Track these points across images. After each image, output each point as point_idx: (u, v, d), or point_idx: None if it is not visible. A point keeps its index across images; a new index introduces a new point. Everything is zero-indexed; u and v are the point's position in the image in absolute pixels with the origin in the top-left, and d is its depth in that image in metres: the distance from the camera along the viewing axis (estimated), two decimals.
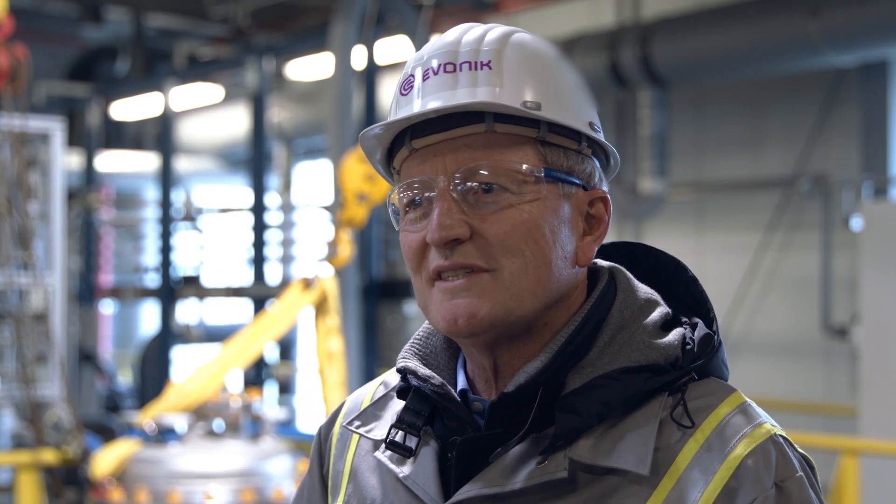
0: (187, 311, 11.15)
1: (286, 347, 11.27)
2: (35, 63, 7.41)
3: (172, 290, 10.98)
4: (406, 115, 1.34)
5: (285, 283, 8.99)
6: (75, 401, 7.64)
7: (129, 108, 12.81)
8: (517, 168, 1.33)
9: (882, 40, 7.35)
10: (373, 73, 9.59)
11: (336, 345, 6.66)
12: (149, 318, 14.35)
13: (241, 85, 11.43)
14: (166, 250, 11.01)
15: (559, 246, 1.34)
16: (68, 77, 13.11)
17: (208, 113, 12.59)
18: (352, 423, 1.48)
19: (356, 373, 8.40)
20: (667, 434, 1.30)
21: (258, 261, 10.22)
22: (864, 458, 6.84)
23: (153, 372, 11.23)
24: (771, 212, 9.00)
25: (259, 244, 10.23)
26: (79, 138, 12.35)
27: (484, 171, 1.33)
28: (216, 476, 5.96)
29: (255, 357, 7.51)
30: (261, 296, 9.88)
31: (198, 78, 11.88)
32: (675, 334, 1.36)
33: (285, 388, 11.26)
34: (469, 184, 1.33)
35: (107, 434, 8.02)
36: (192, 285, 11.02)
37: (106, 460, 6.03)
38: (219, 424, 6.24)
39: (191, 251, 11.30)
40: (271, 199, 11.03)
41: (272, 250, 10.46)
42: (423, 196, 1.35)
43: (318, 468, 1.56)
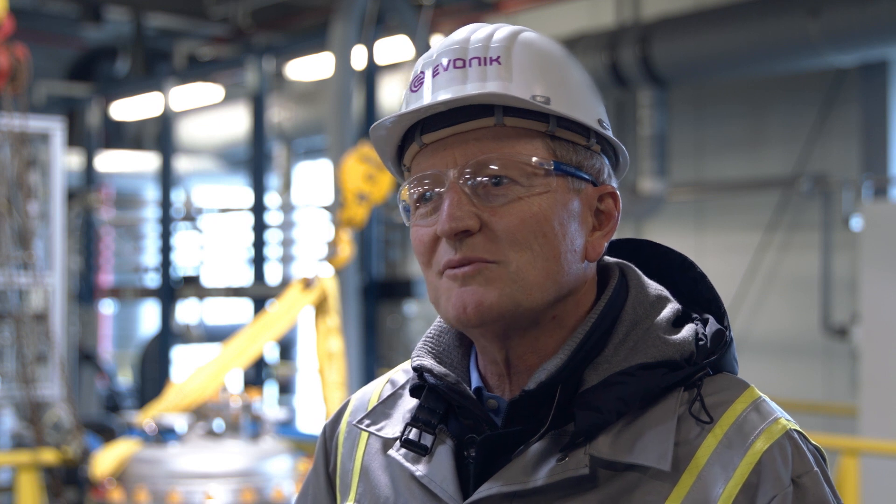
0: (187, 311, 11.15)
1: (286, 347, 11.27)
2: (35, 63, 7.41)
3: (172, 290, 10.98)
4: (416, 108, 1.34)
5: (285, 283, 8.98)
6: (75, 401, 7.63)
7: (129, 108, 12.81)
8: (527, 161, 1.33)
9: (882, 40, 7.35)
10: (373, 73, 9.59)
11: (336, 345, 6.66)
12: (149, 318, 14.35)
13: (241, 85, 11.43)
14: (166, 250, 11.01)
15: (568, 240, 1.35)
16: (68, 77, 13.12)
17: (208, 113, 12.59)
18: (361, 421, 1.48)
19: (356, 373, 8.40)
20: (685, 429, 1.31)
21: (258, 261, 10.21)
22: (864, 457, 6.84)
23: (153, 372, 11.23)
24: (771, 212, 9.00)
25: (259, 244, 10.23)
26: (79, 138, 12.35)
27: (494, 165, 1.33)
28: (216, 476, 5.96)
29: (255, 357, 7.51)
30: (261, 296, 9.88)
31: (198, 78, 11.88)
32: (689, 330, 1.37)
33: (285, 388, 11.26)
34: (479, 177, 1.33)
35: (107, 434, 8.01)
36: (192, 285, 11.02)
37: (106, 460, 6.02)
38: (219, 424, 6.23)
39: (191, 251, 11.30)
40: (271, 199, 11.04)
41: (272, 250, 10.46)
42: (434, 191, 1.35)
43: (323, 466, 1.55)
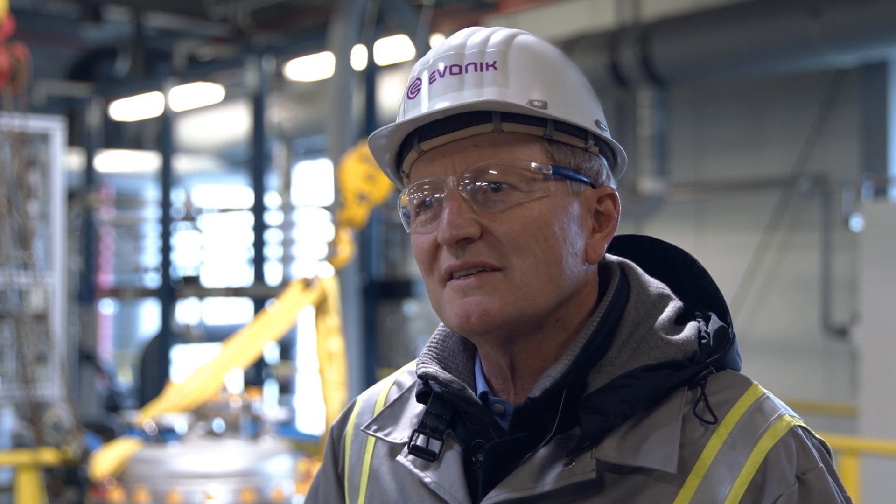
0: (187, 311, 11.15)
1: (286, 347, 11.28)
2: (35, 63, 7.41)
3: (172, 290, 10.98)
4: (414, 117, 1.34)
5: (285, 283, 8.98)
6: (75, 401, 7.63)
7: (129, 108, 12.81)
8: (525, 166, 1.34)
9: (882, 40, 7.35)
10: (373, 73, 9.59)
11: (336, 345, 6.66)
12: (149, 318, 14.35)
13: (241, 85, 11.43)
14: (166, 250, 11.01)
15: (569, 243, 1.35)
16: (68, 77, 13.12)
17: (208, 113, 12.59)
18: (369, 426, 1.48)
19: (356, 373, 8.40)
20: (690, 430, 1.31)
21: (258, 261, 10.21)
22: (864, 457, 6.84)
23: (153, 372, 11.23)
24: (771, 212, 9.00)
25: (259, 244, 10.23)
26: (79, 138, 12.35)
27: (493, 171, 1.33)
28: (216, 476, 5.96)
29: (255, 357, 7.51)
30: (261, 296, 9.88)
31: (198, 78, 11.88)
32: (691, 329, 1.38)
33: (285, 388, 11.27)
34: (478, 183, 1.34)
35: (107, 434, 8.01)
36: (192, 285, 11.03)
37: (106, 460, 6.02)
38: (219, 424, 6.23)
39: (191, 251, 11.30)
40: (271, 199, 11.04)
41: (272, 250, 10.46)
42: (434, 197, 1.36)
43: (332, 467, 1.56)
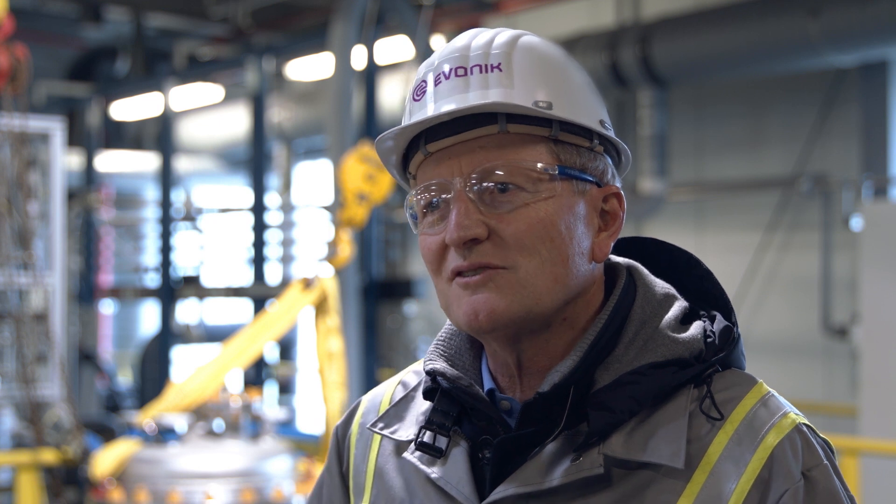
0: (187, 311, 11.15)
1: (286, 347, 11.28)
2: (35, 63, 7.41)
3: (172, 290, 10.98)
4: (420, 119, 1.35)
5: (285, 283, 8.99)
6: (75, 401, 7.63)
7: (129, 108, 12.81)
8: (531, 167, 1.35)
9: (882, 40, 7.35)
10: (373, 73, 9.60)
11: (336, 345, 6.66)
12: (149, 318, 14.35)
13: (241, 85, 11.43)
14: (166, 250, 11.01)
15: (575, 242, 1.36)
16: (68, 77, 13.12)
17: (208, 113, 12.59)
18: (375, 424, 1.49)
19: (356, 373, 8.40)
20: (696, 427, 1.33)
21: (258, 261, 10.22)
22: (864, 457, 6.84)
23: (153, 372, 11.23)
24: (771, 212, 9.00)
25: (259, 244, 10.23)
26: (79, 138, 12.35)
27: (499, 171, 1.35)
28: (216, 476, 5.96)
29: (255, 357, 7.51)
30: (261, 296, 9.88)
31: (198, 78, 11.88)
32: (697, 327, 1.39)
33: (285, 388, 11.27)
34: (485, 184, 1.35)
35: (107, 434, 8.02)
36: (192, 285, 11.03)
37: (106, 460, 6.02)
38: (219, 424, 6.23)
39: (191, 251, 11.30)
40: (271, 199, 11.04)
41: (272, 250, 10.46)
42: (441, 198, 1.37)
43: (337, 466, 1.57)
